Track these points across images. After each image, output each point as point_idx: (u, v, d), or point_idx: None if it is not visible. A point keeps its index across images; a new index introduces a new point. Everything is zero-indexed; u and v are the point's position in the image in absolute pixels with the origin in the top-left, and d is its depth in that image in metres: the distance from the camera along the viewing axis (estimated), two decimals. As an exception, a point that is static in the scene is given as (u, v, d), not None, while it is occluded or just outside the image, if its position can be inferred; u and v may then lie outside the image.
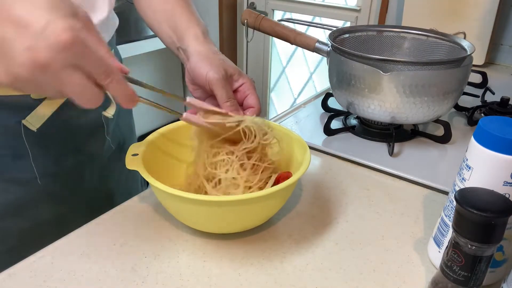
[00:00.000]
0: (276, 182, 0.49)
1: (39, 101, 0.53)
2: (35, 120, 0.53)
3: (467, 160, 0.40)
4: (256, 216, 0.47)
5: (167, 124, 0.55)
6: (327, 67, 0.75)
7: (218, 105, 0.56)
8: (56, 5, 0.33)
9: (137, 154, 0.47)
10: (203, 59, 0.55)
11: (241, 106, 0.58)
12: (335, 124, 0.74)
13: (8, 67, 0.32)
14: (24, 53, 0.31)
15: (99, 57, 0.34)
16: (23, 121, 0.53)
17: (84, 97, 0.35)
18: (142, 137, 0.50)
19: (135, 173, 0.45)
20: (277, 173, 0.51)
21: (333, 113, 0.76)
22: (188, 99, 0.49)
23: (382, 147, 0.69)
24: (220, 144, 0.51)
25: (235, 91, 0.58)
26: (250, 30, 0.80)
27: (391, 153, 0.66)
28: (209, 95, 0.59)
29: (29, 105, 0.53)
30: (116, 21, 0.65)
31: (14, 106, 0.52)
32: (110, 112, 0.62)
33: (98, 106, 0.36)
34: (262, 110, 0.59)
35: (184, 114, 0.48)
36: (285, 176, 0.49)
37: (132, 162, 0.46)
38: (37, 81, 0.33)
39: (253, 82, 0.59)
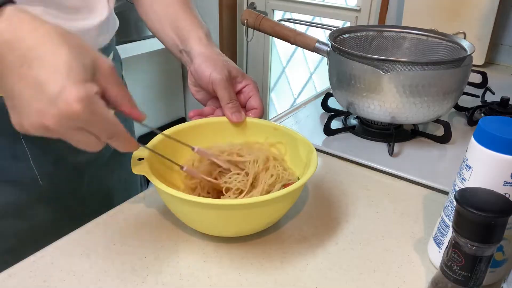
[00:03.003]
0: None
1: None
2: None
3: (467, 160, 0.40)
4: (264, 220, 0.46)
5: (167, 124, 0.55)
6: (327, 67, 0.75)
7: (220, 107, 0.56)
8: (75, 66, 0.34)
9: (143, 159, 0.47)
10: (207, 61, 0.55)
11: (244, 107, 0.58)
12: (335, 124, 0.74)
13: (20, 119, 0.35)
14: (35, 114, 0.34)
15: (105, 122, 0.36)
16: None
17: (87, 148, 0.38)
18: (141, 138, 0.50)
19: (134, 173, 0.45)
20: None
21: (333, 113, 0.76)
22: (196, 149, 0.50)
23: (382, 147, 0.69)
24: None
25: (238, 92, 0.58)
26: (250, 30, 0.80)
27: (391, 153, 0.66)
28: (212, 97, 0.59)
29: None
30: (116, 23, 0.65)
31: None
32: None
33: None
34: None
35: (185, 167, 0.49)
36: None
37: (138, 167, 0.46)
38: (46, 135, 0.35)
39: (256, 83, 0.59)
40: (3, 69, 0.34)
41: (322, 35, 1.58)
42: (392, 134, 0.67)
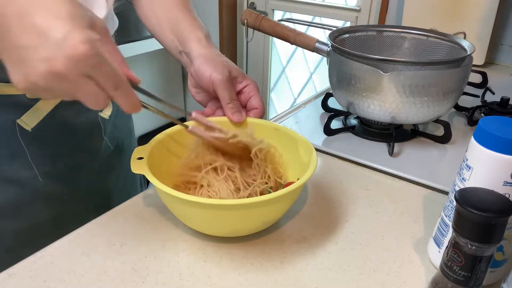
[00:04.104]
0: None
1: (35, 100, 0.53)
2: (30, 119, 0.53)
3: (467, 160, 0.40)
4: (264, 220, 0.46)
5: (167, 124, 0.55)
6: (327, 67, 0.75)
7: (221, 107, 0.56)
8: (76, 15, 0.34)
9: (142, 158, 0.47)
10: (207, 61, 0.56)
11: (245, 107, 0.59)
12: (335, 124, 0.74)
13: (27, 74, 0.34)
14: (43, 63, 0.33)
15: (111, 69, 0.36)
16: (18, 121, 0.53)
17: (94, 102, 0.37)
18: (141, 138, 0.50)
19: (134, 173, 0.45)
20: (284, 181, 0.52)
21: (333, 113, 0.76)
22: (194, 114, 0.50)
23: (382, 147, 0.69)
24: (218, 158, 0.52)
25: (239, 92, 0.58)
26: (250, 30, 0.80)
27: (391, 153, 0.66)
28: (212, 98, 0.59)
29: (24, 104, 0.53)
30: (115, 23, 0.65)
31: (9, 105, 0.52)
32: (106, 113, 0.62)
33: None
34: (262, 110, 0.59)
35: (190, 126, 0.49)
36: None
37: (137, 166, 0.46)
38: (53, 88, 0.34)
39: (257, 84, 0.59)
40: (4, 22, 0.33)
41: (322, 35, 1.58)
42: (392, 134, 0.67)
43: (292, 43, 0.76)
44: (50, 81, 0.34)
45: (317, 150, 0.68)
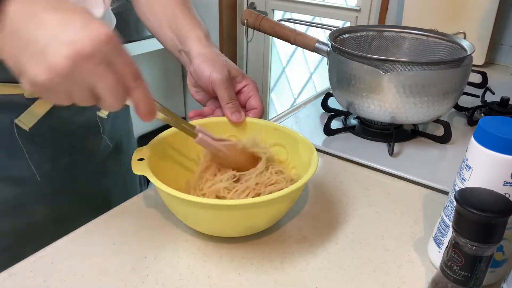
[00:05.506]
0: None
1: (32, 100, 0.53)
2: (27, 119, 0.53)
3: (467, 160, 0.40)
4: (264, 220, 0.46)
5: (168, 125, 0.55)
6: (327, 67, 0.75)
7: (220, 107, 0.56)
8: (92, 15, 0.35)
9: (143, 159, 0.47)
10: (206, 61, 0.55)
11: (244, 107, 0.58)
12: (335, 124, 0.74)
13: (48, 63, 0.33)
14: (66, 46, 0.33)
15: (130, 58, 0.36)
16: (16, 121, 0.53)
17: (113, 95, 0.36)
18: (141, 138, 0.50)
19: (133, 173, 0.45)
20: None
21: (333, 113, 0.76)
22: (200, 135, 0.49)
23: (382, 147, 0.69)
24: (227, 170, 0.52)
25: (238, 92, 0.58)
26: (250, 30, 0.80)
27: (391, 153, 0.66)
28: (211, 97, 0.59)
29: (22, 104, 0.53)
30: (113, 21, 0.65)
31: (7, 105, 0.52)
32: (104, 113, 0.62)
33: (92, 106, 0.37)
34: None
35: (200, 135, 0.49)
36: None
37: (138, 167, 0.46)
38: (74, 77, 0.34)
39: (256, 84, 0.59)
40: (13, 24, 0.33)
41: (322, 35, 1.58)
42: (392, 134, 0.67)
43: (292, 43, 0.76)
44: (75, 65, 0.33)
45: (317, 150, 0.68)
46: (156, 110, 0.41)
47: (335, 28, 0.77)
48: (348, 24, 1.72)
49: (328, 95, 0.80)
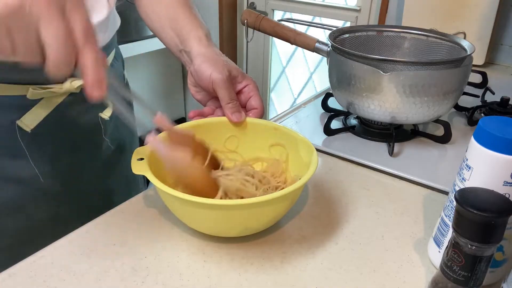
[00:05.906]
0: None
1: (35, 102, 0.53)
2: (29, 121, 0.53)
3: (467, 160, 0.40)
4: (264, 220, 0.46)
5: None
6: (327, 67, 0.75)
7: (220, 107, 0.57)
8: None
9: (143, 159, 0.47)
10: (207, 61, 0.55)
11: (244, 107, 0.59)
12: (335, 124, 0.74)
13: None
14: None
15: (87, 15, 0.33)
16: (18, 122, 0.53)
17: (58, 48, 0.32)
18: (143, 138, 0.50)
19: (135, 173, 0.45)
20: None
21: (333, 113, 0.76)
22: (158, 115, 0.47)
23: (382, 147, 0.69)
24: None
25: (238, 92, 0.58)
26: (250, 30, 0.80)
27: (391, 153, 0.66)
28: (212, 97, 0.59)
29: (24, 105, 0.53)
30: (117, 21, 0.65)
31: (9, 106, 0.52)
32: (106, 114, 0.62)
33: (94, 107, 0.36)
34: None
35: (150, 138, 0.45)
36: None
37: (138, 167, 0.46)
38: (24, 14, 0.31)
39: (256, 84, 0.59)
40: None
41: (322, 35, 1.58)
42: (392, 134, 0.67)
43: (292, 43, 0.76)
44: (24, 1, 0.30)
45: (317, 150, 0.68)
46: (104, 88, 0.35)
47: (335, 28, 0.77)
48: (348, 24, 1.72)
49: (328, 95, 0.80)
